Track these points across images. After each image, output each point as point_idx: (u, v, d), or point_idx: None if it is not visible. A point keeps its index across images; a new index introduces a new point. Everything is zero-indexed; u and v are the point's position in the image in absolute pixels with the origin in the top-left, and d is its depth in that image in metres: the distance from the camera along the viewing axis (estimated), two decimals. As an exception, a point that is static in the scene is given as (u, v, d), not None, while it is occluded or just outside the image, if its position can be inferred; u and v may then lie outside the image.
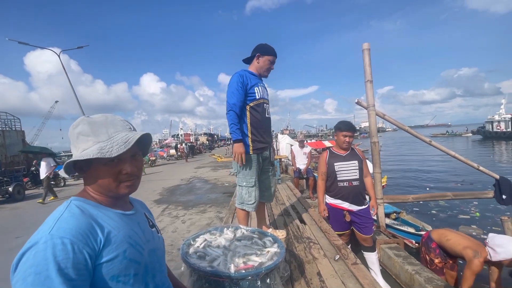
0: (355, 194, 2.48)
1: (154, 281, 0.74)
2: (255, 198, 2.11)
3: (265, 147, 2.18)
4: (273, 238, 1.69)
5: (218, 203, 6.27)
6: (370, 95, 3.32)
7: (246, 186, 2.10)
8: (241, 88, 2.02)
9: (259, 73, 2.19)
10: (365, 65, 3.33)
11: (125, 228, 0.69)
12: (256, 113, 2.10)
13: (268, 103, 2.23)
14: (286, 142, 12.65)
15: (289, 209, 3.39)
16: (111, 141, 0.69)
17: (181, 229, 4.58)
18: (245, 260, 1.39)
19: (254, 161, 2.10)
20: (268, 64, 2.16)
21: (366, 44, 3.35)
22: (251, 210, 2.14)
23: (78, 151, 0.70)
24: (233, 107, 2.01)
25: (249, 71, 2.16)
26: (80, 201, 0.68)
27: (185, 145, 24.49)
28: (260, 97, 2.12)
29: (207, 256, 1.44)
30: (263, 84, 2.23)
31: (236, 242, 1.60)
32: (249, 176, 2.10)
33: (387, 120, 3.51)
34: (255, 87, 2.10)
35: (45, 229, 0.58)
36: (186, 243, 1.59)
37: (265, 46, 2.16)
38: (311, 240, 2.30)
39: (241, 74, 2.07)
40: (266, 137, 2.19)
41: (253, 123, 2.09)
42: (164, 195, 7.86)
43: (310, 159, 6.05)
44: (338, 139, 2.52)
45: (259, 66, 2.16)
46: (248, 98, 2.08)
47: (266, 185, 2.29)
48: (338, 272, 1.74)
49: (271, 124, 2.29)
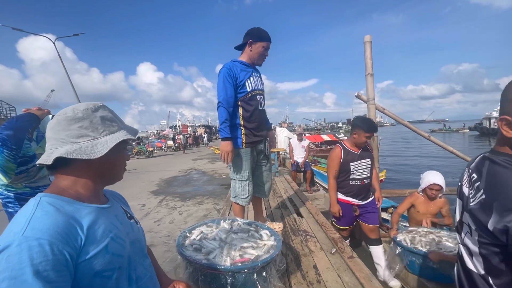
0: (366, 190, 2.48)
1: (135, 273, 0.73)
2: (248, 192, 2.06)
3: (259, 140, 2.11)
4: (270, 231, 1.68)
5: (215, 194, 6.28)
6: (370, 88, 3.27)
7: (239, 180, 2.05)
8: (229, 83, 1.90)
9: (252, 61, 2.03)
10: (366, 58, 3.27)
11: (104, 222, 0.66)
12: (249, 107, 2.00)
13: (262, 94, 2.10)
14: (284, 136, 12.63)
15: (286, 202, 3.39)
16: (127, 127, 0.74)
17: (178, 220, 4.59)
18: (242, 253, 1.38)
19: (247, 154, 2.03)
20: (262, 51, 1.99)
21: (368, 36, 3.29)
22: (245, 204, 2.10)
23: (102, 134, 0.68)
24: (222, 103, 1.91)
25: (239, 62, 2.02)
26: (52, 197, 0.62)
27: (182, 136, 24.40)
28: (252, 89, 2.00)
29: (203, 249, 1.43)
30: (257, 74, 2.10)
31: (233, 235, 1.60)
32: (242, 170, 2.04)
33: (387, 114, 3.48)
34: (246, 79, 1.98)
35: (16, 230, 0.53)
36: (182, 235, 1.57)
37: (258, 31, 1.97)
38: (308, 233, 2.30)
39: (228, 68, 1.94)
40: (261, 130, 2.10)
41: (246, 118, 2.00)
42: (162, 186, 7.85)
43: (308, 152, 6.04)
44: (359, 138, 2.33)
45: (251, 54, 2.00)
46: (239, 92, 1.96)
47: (260, 180, 2.23)
48: (334, 265, 1.74)
49: (266, 115, 2.17)
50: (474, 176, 0.81)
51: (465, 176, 0.88)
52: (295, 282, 1.58)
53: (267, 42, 1.99)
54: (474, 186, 0.80)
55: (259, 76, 2.12)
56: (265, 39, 1.97)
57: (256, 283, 1.23)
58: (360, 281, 1.53)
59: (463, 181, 0.89)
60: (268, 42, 2.00)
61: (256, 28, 2.00)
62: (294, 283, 1.57)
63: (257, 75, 2.09)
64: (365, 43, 3.26)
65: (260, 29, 1.99)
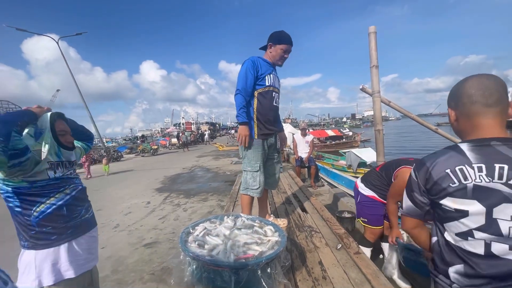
0: None
1: None
2: (259, 183, 2.10)
3: (271, 133, 2.16)
4: (274, 227, 1.65)
5: (219, 191, 6.28)
6: (375, 81, 3.20)
7: (251, 171, 2.10)
8: (251, 74, 2.00)
9: (273, 62, 2.15)
10: (371, 49, 3.20)
11: None
12: (264, 100, 2.07)
13: (278, 93, 2.19)
14: (288, 131, 12.58)
15: (291, 198, 3.36)
16: None
17: (183, 217, 4.61)
18: (245, 249, 1.36)
19: (259, 145, 2.09)
20: (281, 54, 2.11)
21: (372, 27, 3.21)
22: (256, 195, 2.13)
23: None
24: (240, 91, 1.99)
25: (262, 58, 2.13)
26: None
27: (183, 134, 24.62)
28: (270, 84, 2.08)
29: (206, 245, 1.41)
30: (276, 74, 2.19)
31: (236, 231, 1.57)
32: (254, 161, 2.09)
33: (392, 107, 3.41)
34: (267, 74, 2.07)
35: None
36: (185, 231, 1.56)
37: (279, 34, 2.09)
38: (313, 228, 2.27)
39: (253, 60, 2.04)
40: (273, 125, 2.16)
41: (260, 110, 2.07)
42: (166, 183, 7.88)
43: (312, 148, 5.98)
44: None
45: (272, 55, 2.12)
46: (257, 84, 2.05)
47: (270, 171, 2.28)
48: (340, 261, 1.71)
49: (278, 113, 2.26)
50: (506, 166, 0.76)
51: (496, 172, 0.78)
52: (300, 278, 1.56)
53: (287, 45, 2.08)
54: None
55: (277, 76, 2.21)
56: (284, 42, 2.07)
57: (260, 280, 1.20)
58: (367, 277, 1.50)
59: (495, 177, 0.78)
60: (287, 45, 2.09)
61: (278, 31, 2.10)
62: (299, 280, 1.54)
63: (276, 74, 2.19)
64: (369, 34, 3.18)
65: (281, 33, 2.09)
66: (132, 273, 2.87)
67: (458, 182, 0.81)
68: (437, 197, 0.87)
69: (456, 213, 0.83)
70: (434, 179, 0.86)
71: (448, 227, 0.87)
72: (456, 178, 0.81)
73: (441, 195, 0.85)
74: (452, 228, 0.86)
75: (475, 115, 0.84)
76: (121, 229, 4.23)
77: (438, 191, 0.86)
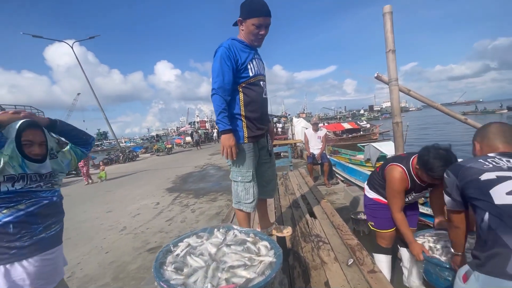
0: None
1: None
2: (253, 196, 1.76)
3: (262, 134, 1.80)
4: (270, 242, 1.40)
5: (230, 191, 6.07)
6: (392, 67, 2.82)
7: (242, 181, 1.74)
8: (227, 66, 1.58)
9: (249, 42, 1.69)
10: (386, 31, 2.81)
11: None
12: (251, 93, 1.68)
13: (265, 81, 1.78)
14: (301, 126, 12.20)
15: (299, 200, 3.08)
16: None
17: (190, 219, 4.47)
18: (230, 275, 1.12)
19: (249, 150, 1.72)
20: (255, 31, 1.62)
21: (387, 6, 2.81)
22: (250, 211, 1.79)
23: None
24: (217, 91, 1.59)
25: (238, 40, 1.68)
26: None
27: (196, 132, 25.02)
28: (255, 74, 1.68)
29: (185, 268, 1.18)
30: (258, 56, 1.77)
31: (225, 248, 1.33)
32: (245, 169, 1.72)
33: (413, 96, 3.01)
34: (248, 62, 1.66)
35: None
36: (164, 249, 1.34)
37: (249, 5, 1.59)
38: (321, 238, 1.99)
39: (227, 47, 1.60)
40: (264, 122, 1.79)
41: (248, 106, 1.68)
42: (177, 183, 7.84)
43: (325, 143, 5.60)
44: (431, 180, 1.65)
45: (244, 34, 1.67)
46: (239, 77, 1.65)
47: (266, 177, 1.93)
48: (350, 282, 1.43)
49: (267, 106, 1.86)
50: None
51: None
52: (302, 305, 1.31)
53: (259, 18, 1.59)
54: None
55: (260, 59, 1.79)
56: (255, 15, 1.58)
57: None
58: (383, 306, 1.22)
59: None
60: (260, 18, 1.59)
61: (247, 1, 1.60)
62: (300, 307, 1.29)
63: (258, 57, 1.77)
64: (384, 14, 2.80)
65: (251, 3, 1.59)
66: (133, 281, 2.75)
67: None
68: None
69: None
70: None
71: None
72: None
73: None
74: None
75: (496, 147, 1.13)
76: (127, 232, 4.16)
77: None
